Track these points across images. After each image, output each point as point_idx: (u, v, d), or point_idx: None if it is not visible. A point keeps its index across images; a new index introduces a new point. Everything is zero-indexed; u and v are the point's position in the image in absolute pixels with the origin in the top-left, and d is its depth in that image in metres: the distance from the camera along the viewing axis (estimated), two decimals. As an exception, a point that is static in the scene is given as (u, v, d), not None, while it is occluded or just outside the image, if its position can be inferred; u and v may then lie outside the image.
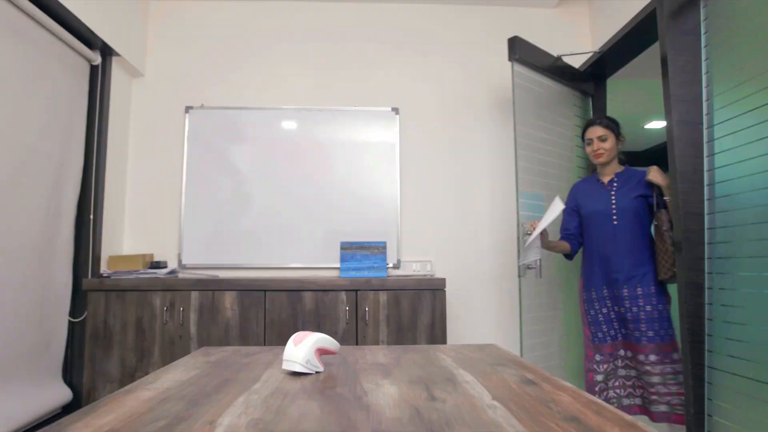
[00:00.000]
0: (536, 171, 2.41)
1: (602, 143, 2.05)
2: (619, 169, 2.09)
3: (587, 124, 2.11)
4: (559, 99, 2.59)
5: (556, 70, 2.54)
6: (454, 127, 2.85)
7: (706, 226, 1.80)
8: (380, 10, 2.92)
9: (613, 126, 2.07)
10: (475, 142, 2.84)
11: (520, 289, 2.23)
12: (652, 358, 1.87)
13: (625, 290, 1.96)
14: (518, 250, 2.19)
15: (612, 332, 2.01)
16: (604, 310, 2.03)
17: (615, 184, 2.06)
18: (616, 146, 2.07)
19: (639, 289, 1.94)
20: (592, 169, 2.18)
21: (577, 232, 2.17)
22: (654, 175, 1.92)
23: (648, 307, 1.91)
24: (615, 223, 2.00)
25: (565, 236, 2.19)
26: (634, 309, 1.94)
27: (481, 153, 2.84)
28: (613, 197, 2.03)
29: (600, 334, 2.02)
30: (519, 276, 2.24)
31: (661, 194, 1.94)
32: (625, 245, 1.98)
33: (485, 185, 2.82)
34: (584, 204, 2.13)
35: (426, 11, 2.92)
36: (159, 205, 2.72)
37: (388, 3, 2.91)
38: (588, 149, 2.09)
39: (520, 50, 2.35)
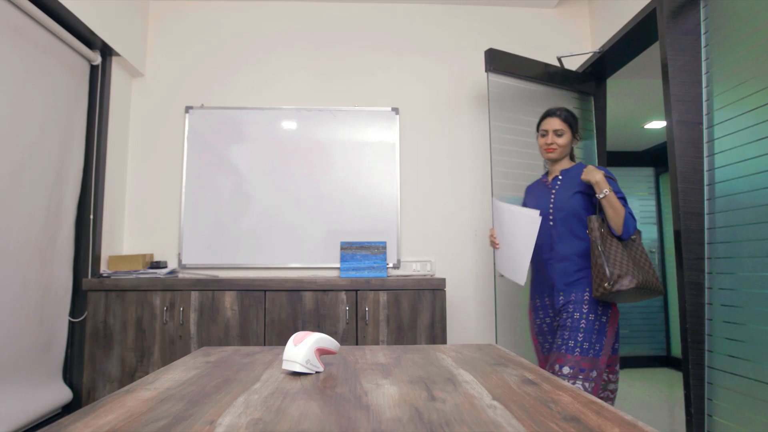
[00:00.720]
0: (522, 175, 2.43)
1: (557, 138, 1.86)
2: (568, 165, 1.91)
3: (545, 114, 1.91)
4: (551, 103, 2.59)
5: (544, 75, 2.55)
6: (454, 127, 2.85)
7: (706, 226, 1.80)
8: (380, 10, 2.92)
9: (572, 121, 1.88)
10: (476, 143, 2.84)
11: (495, 288, 2.20)
12: (566, 370, 1.64)
13: (562, 298, 1.78)
14: (494, 259, 2.19)
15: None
16: (548, 320, 1.85)
17: (558, 183, 1.88)
18: (571, 143, 1.90)
19: (573, 295, 1.75)
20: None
21: None
22: (586, 173, 1.72)
23: (576, 314, 1.71)
24: (551, 224, 1.83)
25: None
26: (564, 315, 1.75)
27: (481, 153, 2.84)
28: (552, 197, 1.87)
29: (546, 345, 1.86)
30: (495, 276, 2.20)
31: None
32: (561, 248, 1.81)
33: (485, 185, 2.82)
34: (529, 205, 1.97)
35: (426, 11, 2.92)
36: (159, 205, 2.72)
37: (388, 3, 2.91)
38: (540, 141, 1.91)
39: (497, 61, 2.39)
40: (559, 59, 2.65)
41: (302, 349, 0.92)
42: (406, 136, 2.82)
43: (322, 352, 0.97)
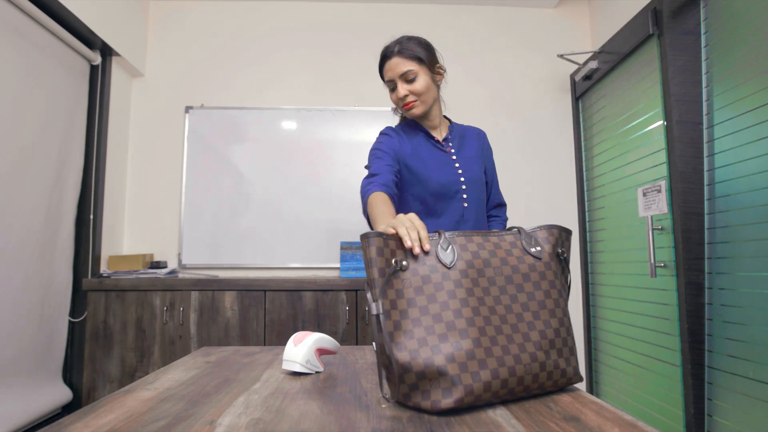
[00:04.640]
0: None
1: (410, 85, 1.26)
2: (445, 120, 1.40)
3: (382, 57, 1.30)
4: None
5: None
6: (454, 127, 2.85)
7: (706, 226, 1.80)
8: (380, 10, 2.91)
9: (420, 52, 1.26)
10: (475, 142, 2.84)
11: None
12: None
13: None
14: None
15: None
16: None
17: (451, 144, 1.34)
18: (435, 84, 1.31)
19: None
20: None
21: (396, 190, 1.26)
22: None
23: None
24: (465, 205, 1.30)
25: (377, 187, 1.26)
26: None
27: (481, 153, 2.84)
28: (456, 164, 1.31)
29: None
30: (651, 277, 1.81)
31: None
32: None
33: (485, 185, 2.81)
34: (421, 167, 1.29)
35: (425, 11, 2.92)
36: (159, 205, 2.72)
37: (388, 3, 2.91)
38: (392, 97, 1.31)
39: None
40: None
41: (302, 349, 0.92)
42: (406, 136, 2.82)
43: (322, 352, 0.97)
